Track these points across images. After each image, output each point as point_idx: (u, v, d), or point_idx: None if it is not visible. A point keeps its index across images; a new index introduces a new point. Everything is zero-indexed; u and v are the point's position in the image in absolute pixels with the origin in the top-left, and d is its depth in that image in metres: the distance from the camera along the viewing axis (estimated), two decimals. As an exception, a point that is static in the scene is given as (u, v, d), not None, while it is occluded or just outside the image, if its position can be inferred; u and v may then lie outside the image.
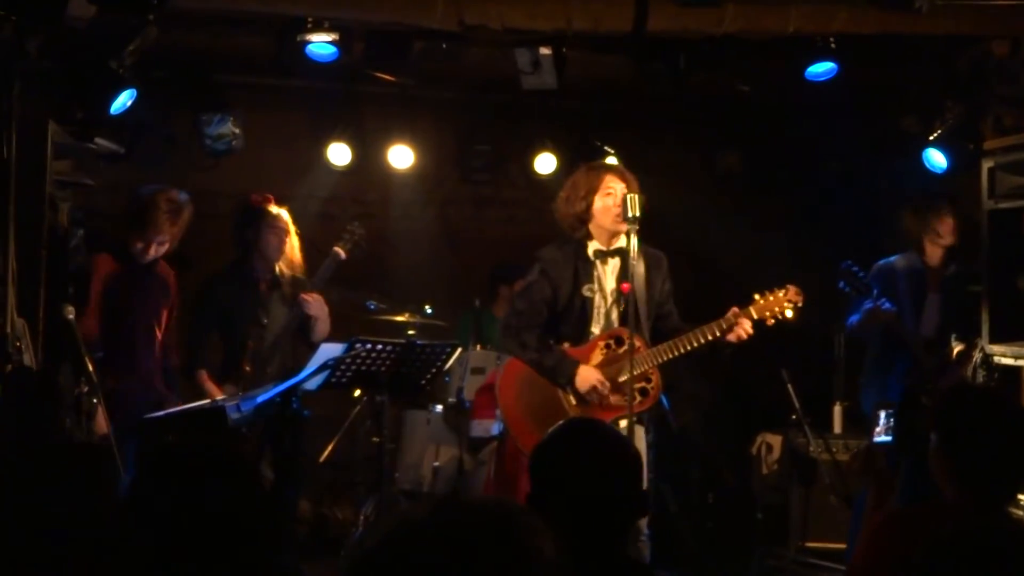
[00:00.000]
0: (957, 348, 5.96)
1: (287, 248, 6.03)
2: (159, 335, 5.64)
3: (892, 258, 5.99)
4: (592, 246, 4.97)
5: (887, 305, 5.60)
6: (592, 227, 4.97)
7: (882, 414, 5.60)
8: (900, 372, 5.73)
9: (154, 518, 2.03)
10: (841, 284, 5.57)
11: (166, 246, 5.60)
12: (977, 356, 5.92)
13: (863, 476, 3.13)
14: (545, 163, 7.68)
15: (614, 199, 4.87)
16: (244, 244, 6.04)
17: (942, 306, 5.83)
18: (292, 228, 6.06)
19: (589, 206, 4.93)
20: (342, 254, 6.09)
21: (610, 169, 5.01)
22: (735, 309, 4.86)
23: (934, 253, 5.99)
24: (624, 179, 4.92)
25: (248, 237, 6.01)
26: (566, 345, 4.94)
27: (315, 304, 5.96)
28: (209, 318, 6.00)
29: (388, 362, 5.60)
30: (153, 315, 5.62)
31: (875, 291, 5.69)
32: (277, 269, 6.02)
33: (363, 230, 6.21)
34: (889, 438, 5.26)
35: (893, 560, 2.65)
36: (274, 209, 6.02)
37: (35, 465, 2.51)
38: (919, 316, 5.77)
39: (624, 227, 4.79)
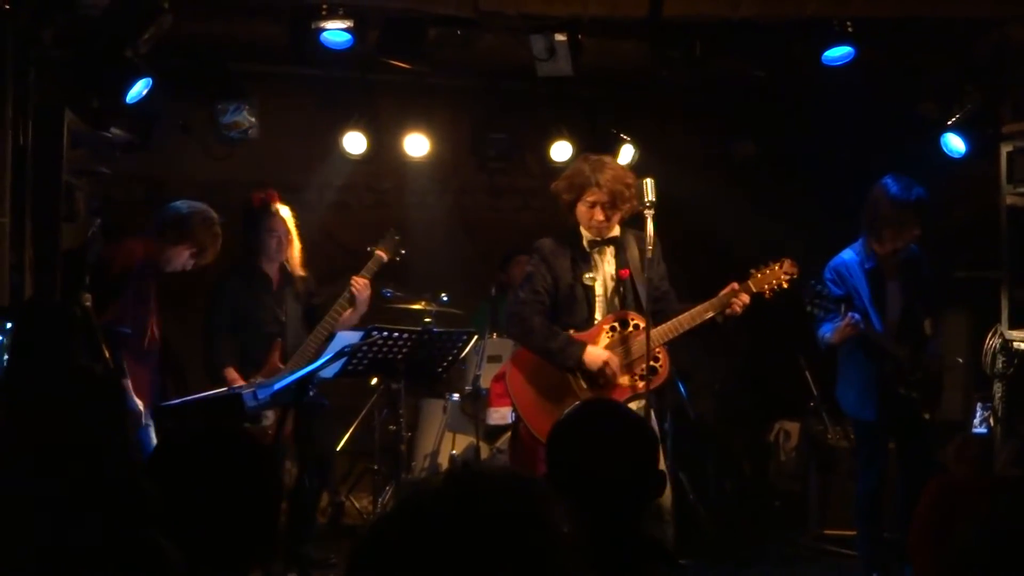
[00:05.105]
0: (927, 322, 5.85)
1: (287, 250, 6.04)
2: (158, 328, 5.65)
3: (845, 255, 5.68)
4: (586, 236, 5.04)
5: (855, 317, 5.46)
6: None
7: (979, 406, 5.52)
8: (874, 365, 5.60)
9: (172, 497, 2.03)
10: (809, 307, 5.36)
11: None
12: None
13: (957, 464, 3.14)
14: (561, 151, 7.64)
15: (592, 215, 4.93)
16: (248, 245, 6.07)
17: (902, 291, 5.70)
18: (293, 229, 6.06)
19: (573, 208, 5.00)
20: (384, 256, 6.09)
21: (595, 181, 4.90)
22: (734, 285, 4.93)
23: (888, 244, 5.62)
24: (609, 189, 4.86)
25: (250, 239, 6.04)
26: (571, 332, 4.96)
27: (364, 292, 5.97)
28: (226, 315, 6.00)
29: (405, 350, 5.61)
30: (157, 307, 5.63)
31: (843, 306, 5.50)
32: (288, 266, 6.05)
33: (400, 236, 6.23)
34: (985, 430, 5.24)
35: (947, 524, 2.68)
36: (274, 210, 6.01)
37: (70, 387, 2.51)
38: (883, 307, 5.64)
39: (604, 232, 4.93)
